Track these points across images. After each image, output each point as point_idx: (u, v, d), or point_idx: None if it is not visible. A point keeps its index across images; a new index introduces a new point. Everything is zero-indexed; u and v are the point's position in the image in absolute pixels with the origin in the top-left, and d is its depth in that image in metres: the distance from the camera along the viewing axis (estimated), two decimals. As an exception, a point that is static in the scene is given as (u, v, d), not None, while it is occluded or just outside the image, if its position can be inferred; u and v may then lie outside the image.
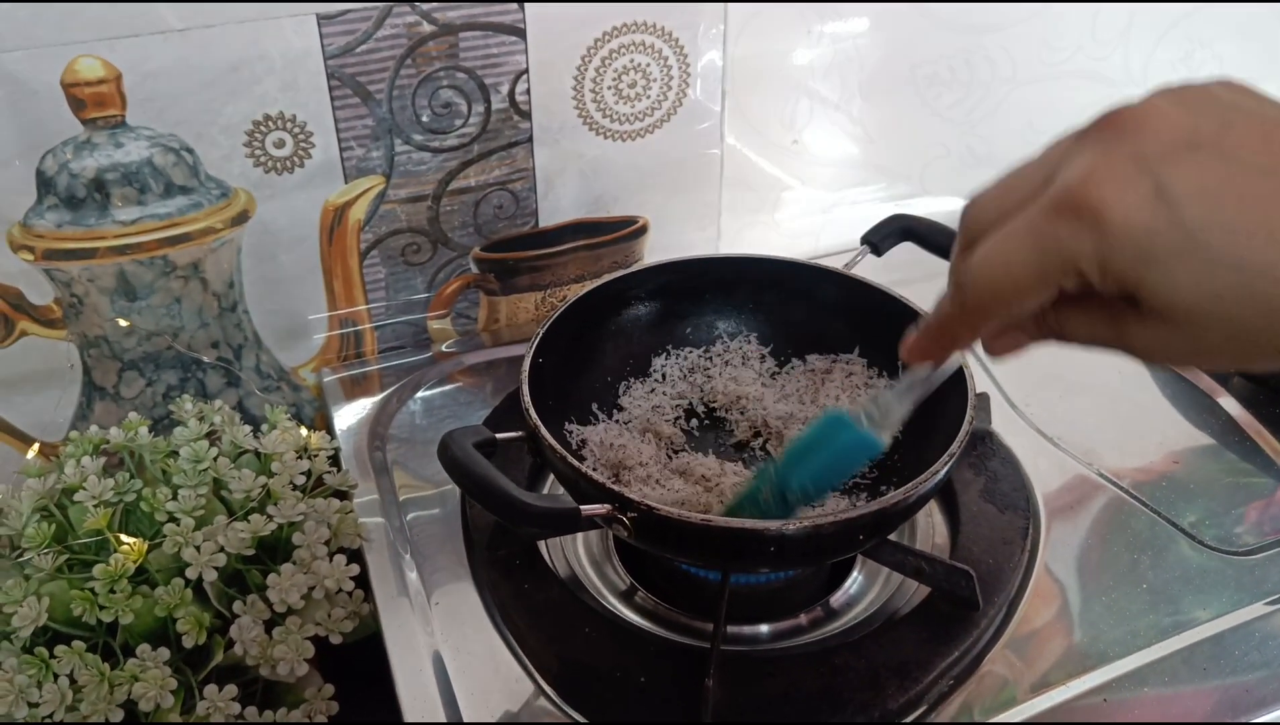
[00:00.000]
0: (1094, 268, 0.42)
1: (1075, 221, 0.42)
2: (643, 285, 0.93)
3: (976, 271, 0.46)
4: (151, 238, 0.93)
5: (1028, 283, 0.45)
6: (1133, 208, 0.41)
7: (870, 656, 0.74)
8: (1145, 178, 0.41)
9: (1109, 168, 0.42)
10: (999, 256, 0.45)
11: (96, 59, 0.85)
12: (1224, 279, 0.41)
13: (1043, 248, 0.43)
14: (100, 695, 0.71)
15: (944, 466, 0.70)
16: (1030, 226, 0.44)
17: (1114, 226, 0.41)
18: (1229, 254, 0.40)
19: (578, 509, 0.68)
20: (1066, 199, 0.43)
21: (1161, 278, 0.41)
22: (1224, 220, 0.40)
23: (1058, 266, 0.43)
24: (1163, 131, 0.42)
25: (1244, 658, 0.77)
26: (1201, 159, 0.41)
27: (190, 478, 0.80)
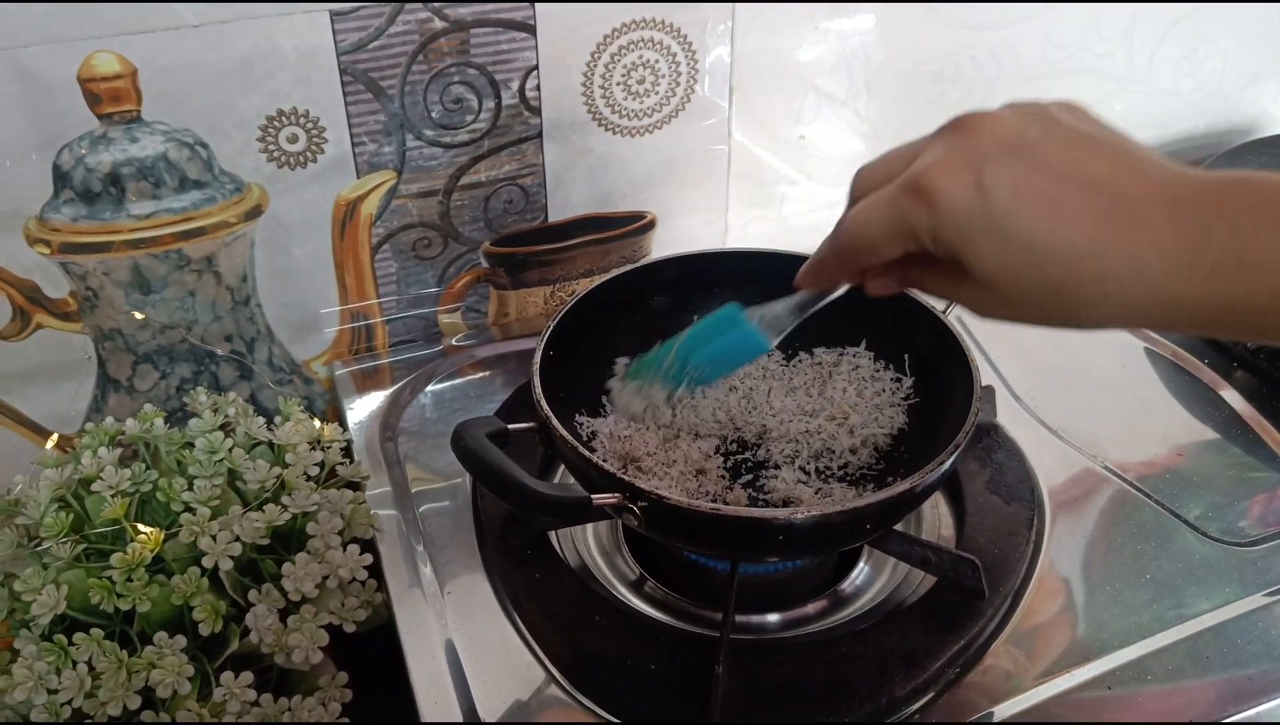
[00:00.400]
0: (928, 236, 0.55)
1: (916, 199, 0.54)
2: (652, 279, 0.93)
3: (846, 225, 0.60)
4: (166, 232, 0.94)
5: (880, 240, 0.57)
6: (956, 194, 0.53)
7: (878, 645, 0.75)
8: (970, 172, 0.53)
9: (946, 161, 0.54)
10: (862, 217, 0.58)
11: (112, 54, 0.85)
12: (1018, 257, 0.52)
13: (891, 215, 0.56)
14: (118, 682, 0.72)
15: (949, 457, 0.71)
16: (888, 198, 0.57)
17: (941, 206, 0.53)
18: (1023, 238, 0.52)
19: (589, 498, 0.69)
20: (913, 181, 0.55)
21: (973, 250, 0.53)
22: (1022, 211, 0.52)
23: (901, 231, 0.56)
24: (994, 136, 0.54)
25: (1246, 647, 0.78)
26: (1016, 161, 0.53)
27: (206, 468, 0.81)
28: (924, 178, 0.54)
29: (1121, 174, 0.52)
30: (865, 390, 0.89)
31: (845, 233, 0.60)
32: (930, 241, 0.55)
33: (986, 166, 0.52)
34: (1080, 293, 0.52)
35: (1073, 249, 0.51)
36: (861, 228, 0.58)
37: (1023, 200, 0.52)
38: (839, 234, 0.61)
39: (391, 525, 0.89)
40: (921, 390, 0.88)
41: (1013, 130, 0.54)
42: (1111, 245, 0.51)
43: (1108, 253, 0.51)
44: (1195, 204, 0.50)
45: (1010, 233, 0.52)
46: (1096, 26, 1.22)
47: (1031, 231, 0.51)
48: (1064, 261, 0.51)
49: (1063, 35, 1.21)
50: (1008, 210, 0.52)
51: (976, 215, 0.52)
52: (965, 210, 0.53)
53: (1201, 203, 0.50)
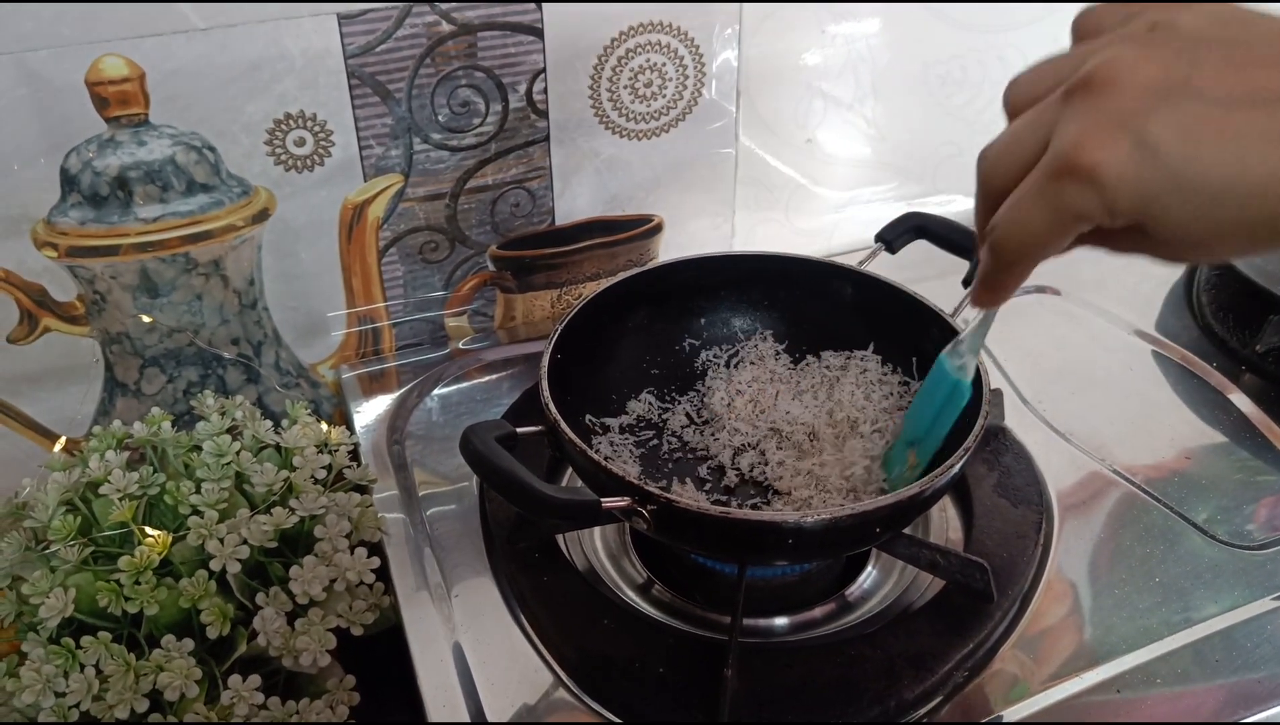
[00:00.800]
0: (1103, 215, 0.48)
1: (1076, 184, 0.48)
2: (659, 282, 0.93)
3: (1001, 236, 0.53)
4: (173, 235, 0.94)
5: (1048, 238, 0.51)
6: (1121, 163, 0.46)
7: (886, 648, 0.75)
8: (1127, 133, 0.46)
9: (1094, 131, 0.47)
10: (1017, 222, 0.51)
11: (120, 58, 0.86)
12: (1213, 206, 0.46)
13: (1053, 208, 0.49)
14: (126, 685, 0.72)
15: (959, 461, 0.71)
16: (1039, 192, 0.50)
17: (1109, 182, 0.47)
18: (1214, 186, 0.46)
19: (598, 501, 0.69)
20: (1064, 165, 0.48)
21: (1161, 212, 0.47)
22: (1203, 156, 0.46)
23: (1071, 221, 0.49)
24: (1136, 85, 0.47)
25: (1255, 651, 0.77)
26: (1174, 105, 0.46)
27: (213, 471, 0.81)
28: (1075, 158, 0.48)
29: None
30: (873, 393, 0.89)
31: (1004, 245, 0.53)
32: (1107, 220, 0.48)
33: (1143, 121, 0.46)
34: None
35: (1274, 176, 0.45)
36: (1021, 234, 0.52)
37: (1201, 143, 0.46)
38: (996, 248, 0.54)
39: (399, 528, 0.89)
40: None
41: (1156, 72, 0.47)
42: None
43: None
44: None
45: (1198, 184, 0.46)
46: (1104, 30, 1.22)
47: (1221, 175, 0.46)
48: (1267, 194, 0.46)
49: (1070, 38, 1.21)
50: (1186, 160, 0.46)
51: (1151, 177, 0.46)
52: (1136, 176, 0.47)
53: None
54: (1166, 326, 1.12)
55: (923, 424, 0.78)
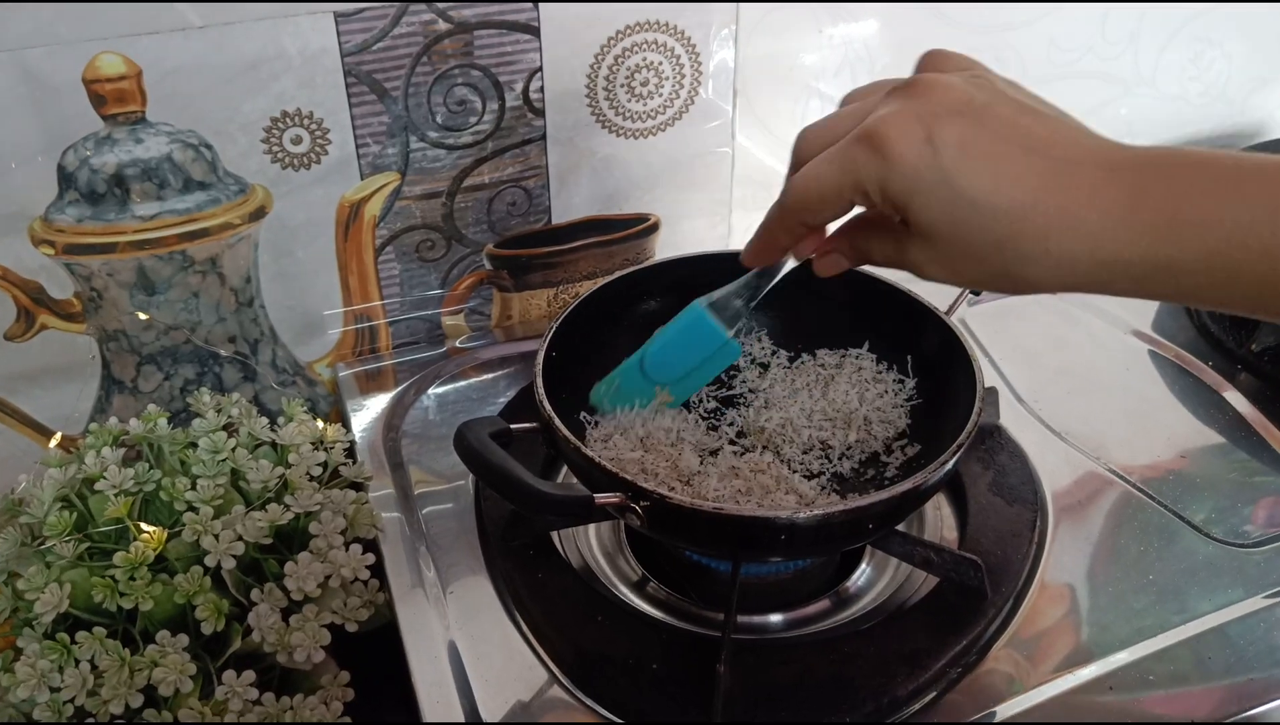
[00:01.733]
0: (876, 188, 0.57)
1: (868, 150, 0.57)
2: (655, 281, 0.93)
3: (794, 183, 0.62)
4: (170, 233, 0.94)
5: (829, 194, 0.60)
6: (909, 149, 0.55)
7: (880, 644, 0.75)
8: (921, 127, 0.56)
9: (899, 116, 0.56)
10: (812, 173, 0.60)
11: (118, 55, 0.86)
12: (963, 212, 0.55)
13: (843, 169, 0.58)
14: (120, 680, 0.72)
15: (951, 458, 0.71)
16: (838, 151, 0.59)
17: (893, 158, 0.56)
18: (969, 193, 0.55)
19: (591, 497, 0.69)
20: (866, 133, 0.57)
21: (921, 204, 0.56)
22: (968, 168, 0.55)
23: (851, 185, 0.58)
24: (945, 97, 0.57)
25: (1248, 649, 0.77)
26: (965, 122, 0.56)
27: (209, 468, 0.81)
28: (877, 128, 0.56)
29: (1062, 139, 0.56)
30: (868, 392, 0.89)
31: (794, 190, 0.62)
32: (879, 194, 0.57)
33: (937, 124, 0.55)
34: (1021, 248, 0.55)
35: (1015, 205, 0.54)
36: (811, 183, 0.60)
37: (970, 157, 0.55)
38: (786, 193, 0.63)
39: (394, 526, 0.89)
40: (924, 392, 0.88)
41: (962, 93, 0.57)
42: (1052, 201, 0.54)
43: (1048, 209, 0.54)
44: (1132, 167, 0.54)
45: (957, 187, 0.55)
46: (1102, 30, 1.22)
47: (977, 187, 0.54)
48: (1007, 217, 0.54)
49: (1068, 38, 1.21)
50: (955, 166, 0.55)
51: (925, 169, 0.55)
52: (914, 163, 0.55)
53: (1138, 166, 0.54)
54: (1163, 326, 1.12)
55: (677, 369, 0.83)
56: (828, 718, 0.71)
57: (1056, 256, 0.54)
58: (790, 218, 0.64)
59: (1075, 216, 0.53)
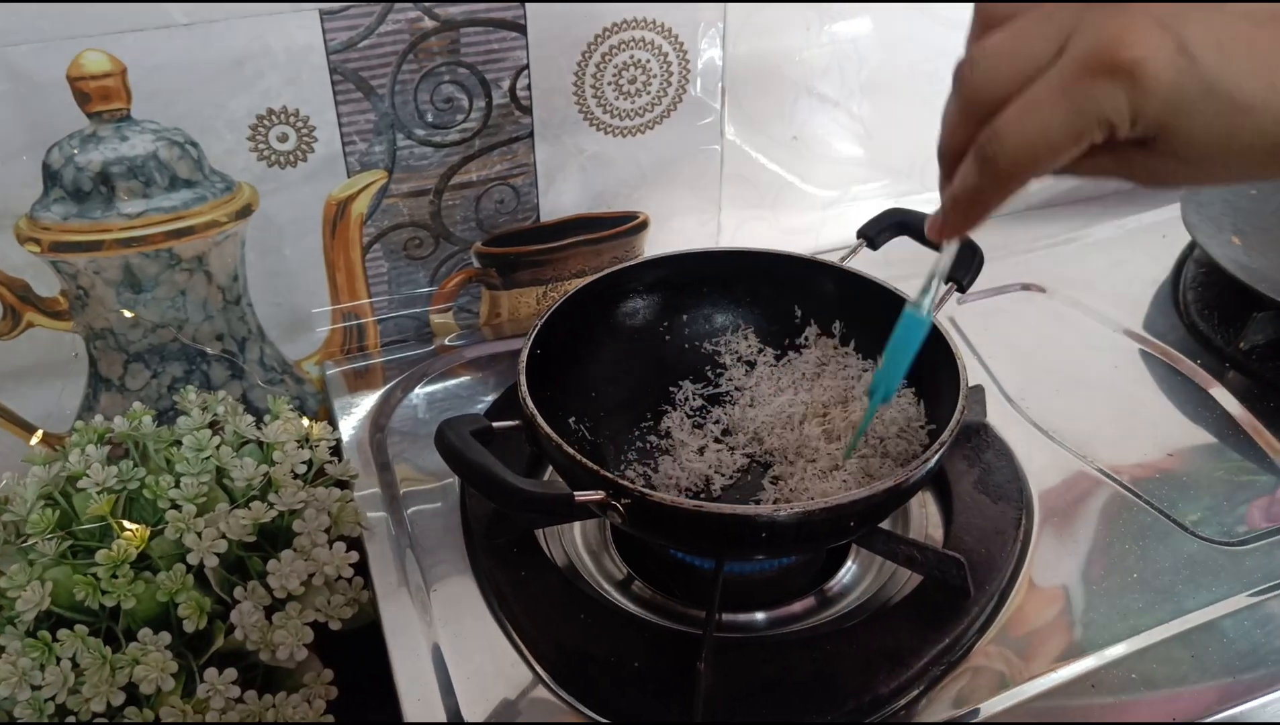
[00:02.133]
0: (1126, 120, 0.46)
1: (1109, 81, 0.46)
2: (640, 278, 0.93)
3: (1010, 140, 0.49)
4: (157, 231, 0.94)
5: (1064, 143, 0.48)
6: (1162, 65, 0.45)
7: (862, 643, 0.75)
8: (1168, 34, 0.45)
9: (1135, 29, 0.45)
10: (1033, 123, 0.48)
11: (102, 53, 0.86)
12: (1236, 121, 0.46)
13: (1078, 109, 0.47)
14: (102, 678, 0.72)
15: (934, 455, 0.71)
16: (1063, 89, 0.47)
17: (1148, 82, 0.45)
18: (1243, 99, 0.45)
19: (571, 494, 0.68)
20: (1099, 60, 0.46)
21: (1184, 123, 0.46)
22: (1236, 69, 0.45)
23: (1094, 123, 0.47)
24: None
25: (1233, 646, 0.77)
26: (1209, 14, 0.45)
27: (193, 466, 0.81)
28: (1114, 52, 0.46)
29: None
30: (853, 389, 0.89)
31: (1012, 151, 0.49)
32: (1128, 125, 0.47)
33: (1184, 24, 0.45)
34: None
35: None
36: (1036, 134, 0.48)
37: (1234, 57, 0.45)
38: (999, 154, 0.50)
39: (380, 525, 0.89)
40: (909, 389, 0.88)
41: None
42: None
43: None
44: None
45: (1229, 96, 0.45)
46: (1091, 28, 1.22)
47: (1250, 90, 0.45)
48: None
49: None
50: (1220, 69, 0.45)
51: (1189, 85, 0.45)
52: (1174, 81, 0.45)
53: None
54: (1152, 324, 1.12)
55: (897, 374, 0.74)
56: (809, 716, 0.71)
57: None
58: (1008, 179, 0.51)
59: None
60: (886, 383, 0.74)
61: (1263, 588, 0.82)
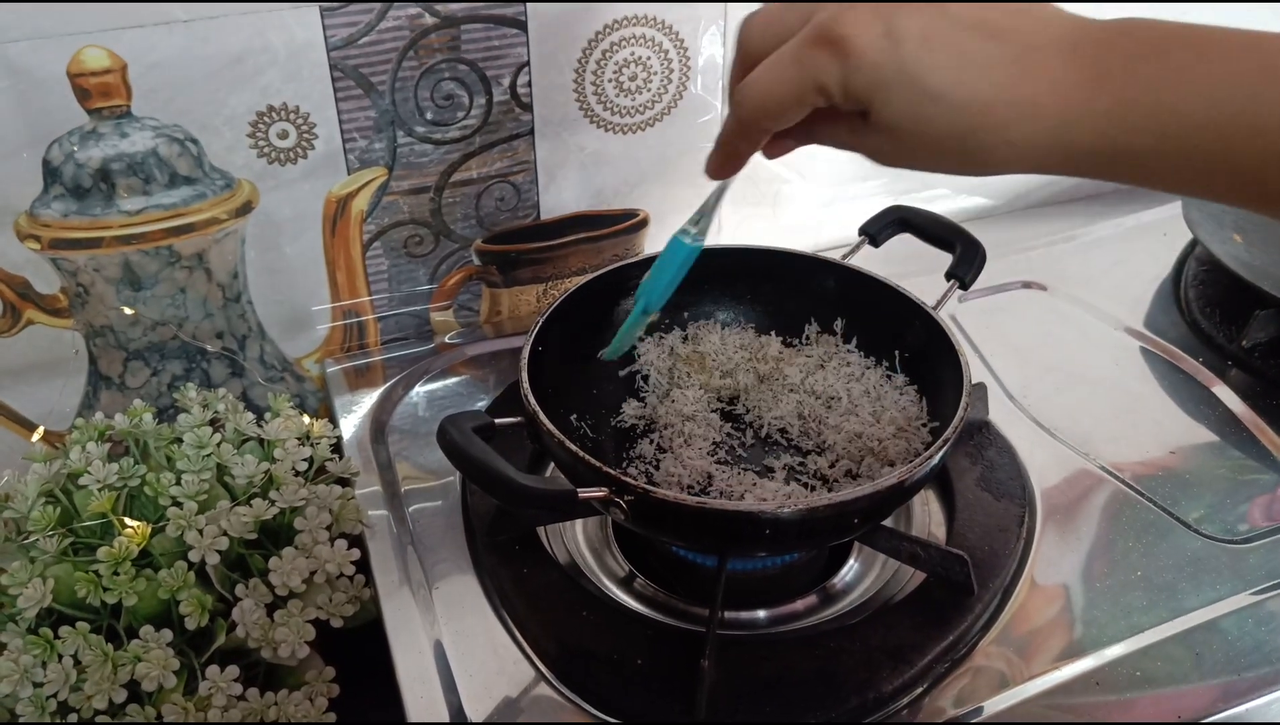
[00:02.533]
0: (838, 89, 0.55)
1: (827, 51, 0.55)
2: (640, 275, 0.93)
3: (750, 90, 0.59)
4: (156, 228, 0.94)
5: (789, 99, 0.57)
6: (868, 43, 0.53)
7: (865, 640, 0.75)
8: (879, 21, 0.54)
9: (854, 12, 0.54)
10: (768, 78, 0.58)
11: (102, 49, 0.85)
12: (926, 106, 0.54)
13: (802, 70, 0.56)
14: (104, 675, 0.72)
15: (938, 452, 0.71)
16: (793, 55, 0.56)
17: (854, 56, 0.54)
18: (932, 87, 0.53)
19: (574, 491, 0.68)
20: (821, 33, 0.55)
21: (884, 99, 0.55)
22: (931, 61, 0.53)
23: (811, 87, 0.56)
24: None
25: (1237, 644, 0.77)
26: (922, 10, 0.54)
27: (194, 463, 0.81)
28: (834, 28, 0.54)
29: (1025, 23, 0.54)
30: (854, 387, 0.88)
31: (749, 100, 0.59)
32: (840, 94, 0.56)
33: (895, 16, 0.54)
34: (983, 139, 0.54)
35: (978, 98, 0.53)
36: (768, 89, 0.58)
37: (932, 49, 0.53)
38: (742, 103, 0.60)
39: (381, 523, 0.89)
40: (911, 387, 0.88)
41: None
42: (1015, 93, 0.53)
43: (1012, 100, 0.53)
44: (1093, 46, 0.53)
45: (921, 82, 0.53)
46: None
47: (940, 80, 0.53)
48: (970, 110, 0.53)
49: None
50: (918, 59, 0.53)
51: (887, 65, 0.54)
52: (875, 60, 0.54)
53: (1098, 44, 0.53)
54: (1154, 322, 1.12)
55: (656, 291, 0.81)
56: (812, 714, 0.71)
57: (1019, 145, 0.54)
58: (751, 128, 0.61)
59: (1037, 106, 0.53)
60: (646, 296, 0.81)
61: (1265, 586, 0.82)
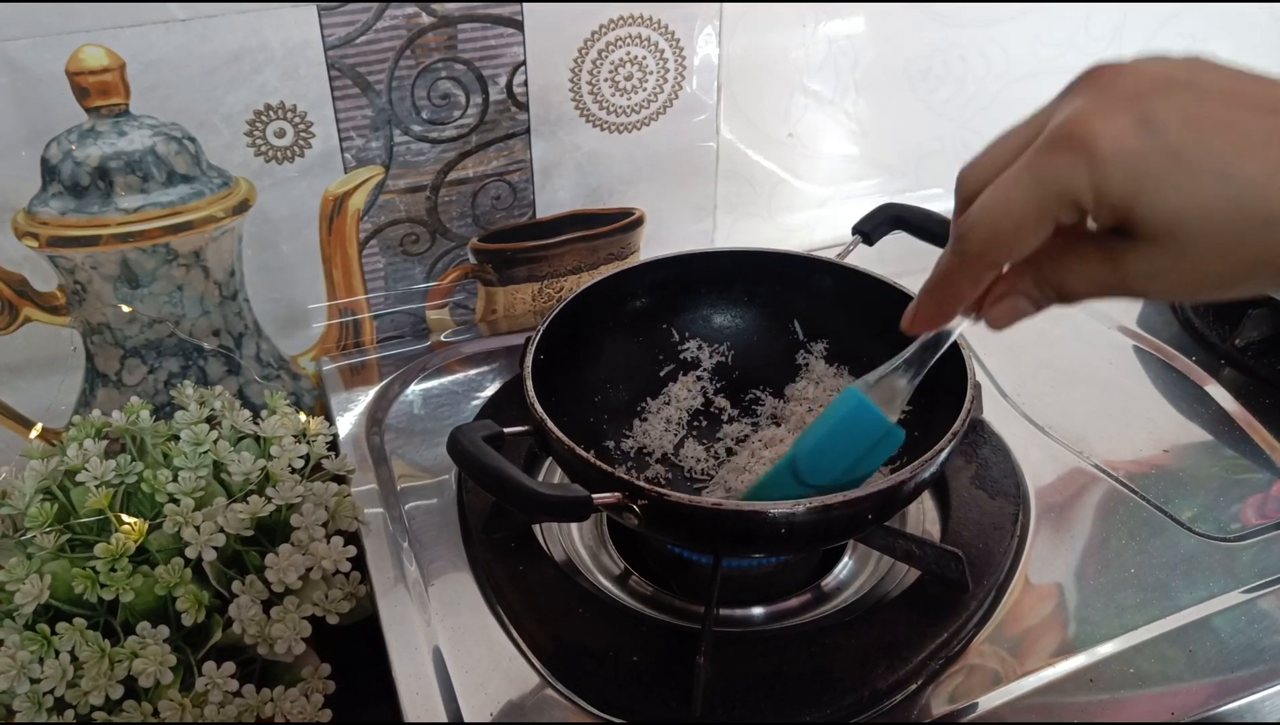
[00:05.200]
0: (1088, 194, 0.46)
1: (1069, 153, 0.45)
2: (640, 280, 0.93)
3: (976, 216, 0.49)
4: (154, 226, 0.94)
5: (1027, 218, 0.48)
6: (1121, 135, 0.44)
7: (860, 637, 0.75)
8: (1130, 110, 0.45)
9: (1097, 106, 0.46)
10: (998, 198, 0.48)
11: (101, 48, 0.86)
12: (1210, 190, 0.44)
13: (1040, 181, 0.47)
14: (100, 671, 0.72)
15: (948, 444, 0.71)
16: (1027, 166, 0.47)
17: (1105, 152, 0.44)
18: (1211, 166, 0.44)
19: (589, 497, 0.68)
20: (1060, 135, 0.46)
21: (1153, 196, 0.45)
22: (1203, 139, 0.44)
23: (1055, 197, 0.46)
24: (1142, 76, 0.46)
25: (1230, 641, 0.77)
26: (1178, 93, 0.45)
27: (190, 460, 0.81)
28: (1073, 127, 0.46)
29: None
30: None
31: (977, 226, 0.49)
32: (1092, 201, 0.46)
33: (1146, 104, 0.45)
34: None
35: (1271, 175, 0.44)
36: (999, 212, 0.48)
37: (1200, 128, 0.44)
38: (967, 232, 0.50)
39: (377, 520, 0.89)
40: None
41: (1160, 70, 0.46)
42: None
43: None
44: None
45: (1195, 162, 0.44)
46: (1086, 26, 1.22)
47: (1220, 156, 0.44)
48: (1265, 189, 0.44)
49: (1052, 34, 1.21)
50: (1186, 139, 0.44)
51: (1150, 152, 0.44)
52: (1134, 149, 0.45)
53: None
54: (1147, 321, 1.12)
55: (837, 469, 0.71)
56: (807, 710, 0.71)
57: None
58: (977, 260, 0.51)
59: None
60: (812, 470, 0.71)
61: (1258, 583, 0.82)
